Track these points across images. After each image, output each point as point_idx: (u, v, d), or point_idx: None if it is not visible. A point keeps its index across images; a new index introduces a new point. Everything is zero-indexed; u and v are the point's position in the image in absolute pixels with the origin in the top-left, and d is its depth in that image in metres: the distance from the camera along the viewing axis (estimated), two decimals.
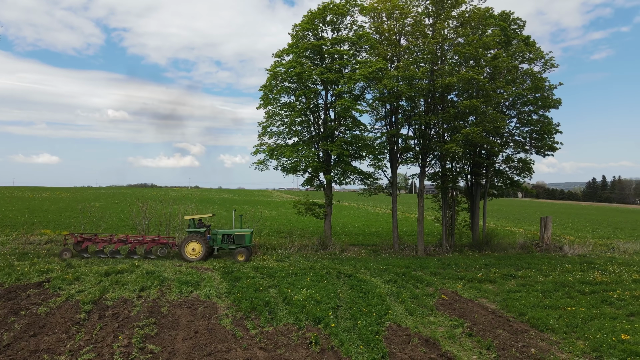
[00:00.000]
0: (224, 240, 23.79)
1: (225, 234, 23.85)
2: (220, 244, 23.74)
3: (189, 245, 22.65)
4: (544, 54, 28.30)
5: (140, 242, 23.49)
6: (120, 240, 23.38)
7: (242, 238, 23.64)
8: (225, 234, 23.85)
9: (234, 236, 23.80)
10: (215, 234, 23.93)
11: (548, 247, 28.89)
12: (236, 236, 23.77)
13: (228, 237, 23.84)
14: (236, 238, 23.74)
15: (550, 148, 29.36)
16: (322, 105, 28.35)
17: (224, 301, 15.15)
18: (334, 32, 27.86)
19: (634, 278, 20.44)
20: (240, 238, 23.67)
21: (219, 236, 23.78)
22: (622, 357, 11.00)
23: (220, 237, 23.75)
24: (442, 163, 28.93)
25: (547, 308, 15.38)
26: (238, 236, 23.73)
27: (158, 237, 24.10)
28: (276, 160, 28.62)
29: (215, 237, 23.84)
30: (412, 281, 18.94)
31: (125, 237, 23.76)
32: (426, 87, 24.65)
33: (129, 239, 23.47)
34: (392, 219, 28.59)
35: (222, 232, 24.00)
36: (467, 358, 10.89)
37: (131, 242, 23.37)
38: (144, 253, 23.29)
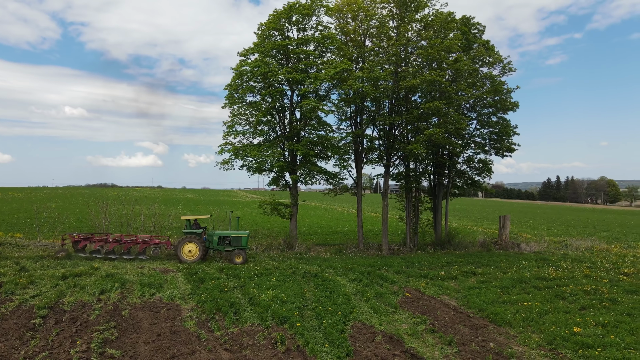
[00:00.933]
0: (220, 241, 23.45)
1: (222, 236, 23.55)
2: (217, 245, 23.40)
3: (186, 247, 22.27)
4: (503, 59, 29.32)
5: (134, 242, 23.24)
6: (115, 240, 23.13)
7: (239, 240, 23.37)
8: (222, 236, 23.55)
9: (231, 238, 23.49)
10: (212, 235, 23.56)
11: (506, 244, 29.91)
12: (233, 238, 23.44)
13: (224, 238, 23.53)
14: (232, 240, 23.41)
15: (508, 149, 30.41)
16: (287, 105, 28.32)
17: (188, 303, 14.90)
18: (300, 32, 27.89)
19: (585, 273, 21.44)
20: (237, 240, 23.39)
21: (215, 238, 23.42)
22: (574, 348, 11.55)
23: (216, 239, 23.39)
24: (406, 163, 29.45)
25: (505, 304, 15.94)
26: (235, 238, 23.42)
27: (150, 237, 23.88)
28: (241, 160, 28.38)
29: (211, 238, 23.45)
30: (376, 280, 19.20)
31: (119, 237, 23.53)
32: (390, 88, 25.08)
33: (123, 239, 23.26)
34: (357, 219, 28.88)
35: (218, 233, 23.70)
36: (430, 354, 11.16)
37: (125, 242, 23.12)
38: (137, 254, 22.99)
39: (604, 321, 13.74)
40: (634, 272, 22.19)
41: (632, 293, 17.82)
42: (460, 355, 11.04)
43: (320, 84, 25.07)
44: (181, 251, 22.20)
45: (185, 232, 23.07)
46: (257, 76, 26.33)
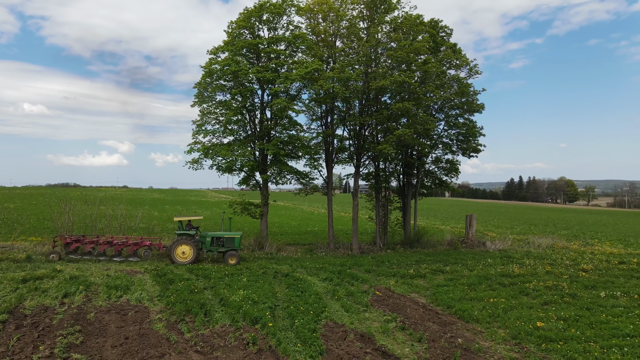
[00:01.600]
0: (213, 242, 23.24)
1: (215, 237, 23.33)
2: (209, 246, 23.18)
3: (179, 248, 21.97)
4: (470, 62, 30.04)
5: (125, 244, 23.02)
6: (105, 242, 22.96)
7: (232, 241, 23.19)
8: (215, 237, 23.33)
9: (224, 239, 23.28)
10: (205, 236, 23.32)
11: (472, 243, 30.68)
12: (226, 239, 23.25)
13: (217, 239, 23.31)
14: (226, 241, 23.22)
15: (474, 150, 31.16)
16: (258, 104, 28.16)
17: (156, 305, 14.60)
18: (271, 31, 27.77)
19: (546, 270, 22.23)
20: (230, 241, 23.21)
21: (208, 239, 23.18)
22: (538, 342, 11.97)
23: (209, 240, 23.16)
24: (375, 163, 29.76)
25: (472, 300, 16.36)
26: (228, 239, 23.24)
27: (141, 239, 23.69)
28: (211, 159, 28.04)
29: (204, 239, 23.20)
30: (347, 279, 19.33)
31: (110, 238, 23.31)
32: (361, 89, 25.29)
33: (114, 241, 23.07)
34: (328, 218, 29.00)
35: (211, 234, 23.48)
36: (401, 351, 11.33)
37: (116, 244, 22.94)
38: (128, 255, 22.79)
39: (565, 315, 14.31)
40: (592, 268, 23.15)
41: (591, 288, 18.59)
42: (430, 352, 11.25)
43: (291, 83, 25.05)
44: (174, 253, 21.87)
45: (179, 233, 22.74)
46: (228, 75, 26.07)
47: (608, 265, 24.30)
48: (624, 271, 22.64)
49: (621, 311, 14.99)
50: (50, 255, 21.74)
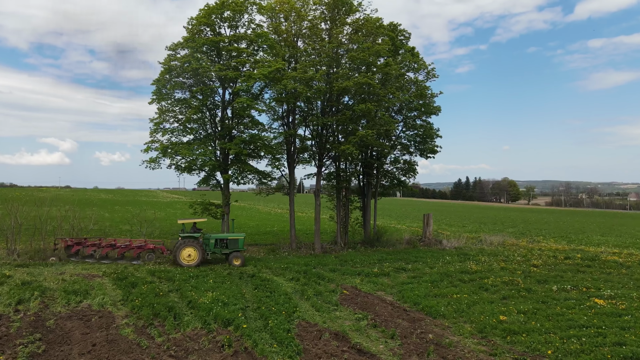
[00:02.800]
0: (217, 244, 23.13)
1: (218, 239, 23.22)
2: (213, 248, 23.02)
3: (185, 251, 21.69)
4: (427, 65, 30.94)
5: (128, 247, 22.82)
6: (108, 245, 22.82)
7: (236, 242, 23.11)
8: (218, 239, 23.22)
9: (227, 240, 23.18)
10: (208, 238, 23.14)
11: (430, 241, 31.62)
12: (229, 240, 23.18)
13: (221, 241, 23.21)
14: (229, 242, 23.15)
15: (432, 151, 32.11)
16: (219, 102, 27.67)
17: (120, 309, 14.06)
18: (232, 29, 27.34)
19: (501, 266, 23.28)
20: (234, 242, 23.12)
21: (212, 241, 23.04)
22: (503, 335, 12.54)
23: (213, 242, 23.02)
24: (336, 164, 30.02)
25: (436, 297, 16.88)
26: (231, 240, 23.18)
27: (145, 242, 23.52)
28: (170, 158, 27.28)
29: (207, 241, 23.02)
30: (314, 278, 19.38)
31: (113, 241, 23.23)
32: (324, 89, 25.42)
33: (117, 244, 22.93)
34: (290, 219, 28.96)
35: (215, 236, 23.33)
36: (375, 348, 11.53)
37: (119, 247, 22.77)
38: (131, 259, 22.59)
39: (524, 309, 15.06)
40: (541, 263, 24.48)
41: (543, 283, 19.65)
42: (404, 348, 11.53)
43: (254, 82, 24.74)
44: (180, 256, 21.60)
45: (183, 236, 22.41)
46: (188, 72, 25.43)
47: (555, 260, 25.75)
48: (570, 266, 24.10)
49: (573, 304, 15.95)
50: (50, 259, 21.40)
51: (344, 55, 27.72)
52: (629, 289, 18.50)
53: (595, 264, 24.83)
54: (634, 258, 26.88)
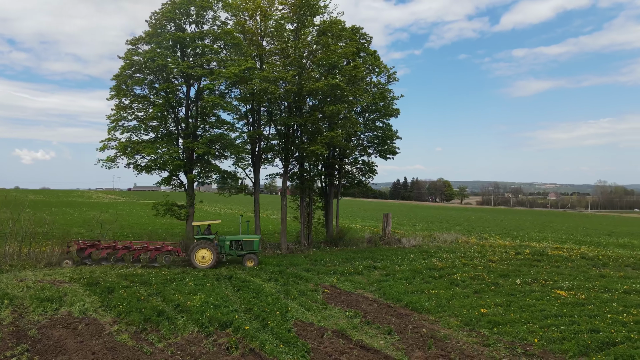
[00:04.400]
0: (232, 246, 23.10)
1: (234, 240, 23.20)
2: (228, 250, 22.98)
3: (199, 253, 21.68)
4: (389, 68, 31.88)
5: (145, 249, 22.42)
6: (124, 247, 22.37)
7: (251, 244, 23.10)
8: (234, 240, 23.20)
9: (242, 242, 23.15)
10: (223, 240, 23.16)
11: (390, 240, 32.59)
12: (244, 242, 23.16)
13: (236, 243, 23.17)
14: (244, 244, 23.13)
15: (392, 152, 33.11)
16: (184, 100, 26.88)
17: (105, 316, 13.39)
18: (197, 25, 26.67)
19: (463, 262, 24.55)
20: (249, 244, 23.10)
21: (227, 242, 23.02)
22: (489, 327, 13.31)
23: (228, 244, 23.00)
24: (300, 164, 30.14)
25: (414, 293, 17.50)
26: (246, 242, 23.16)
27: (163, 244, 23.20)
28: (129, 157, 26.14)
29: (222, 243, 23.00)
30: (292, 278, 19.44)
31: (128, 244, 22.77)
32: (294, 90, 25.45)
33: (133, 246, 22.49)
34: (255, 219, 28.69)
35: (230, 238, 23.38)
36: (377, 344, 11.84)
37: (135, 249, 22.36)
38: (148, 261, 22.14)
39: (499, 302, 16.06)
40: (498, 259, 26.07)
41: (505, 277, 20.97)
42: (404, 342, 11.94)
43: (224, 81, 24.24)
44: (194, 257, 21.60)
45: (197, 238, 22.36)
46: (153, 68, 24.48)
47: (508, 256, 27.52)
48: (523, 260, 25.86)
49: (540, 295, 17.21)
50: (64, 262, 21.00)
51: (309, 56, 27.89)
52: (582, 281, 20.21)
53: (544, 258, 26.81)
54: (575, 252, 29.29)
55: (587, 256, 27.64)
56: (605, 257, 27.24)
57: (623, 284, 19.12)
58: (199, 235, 22.69)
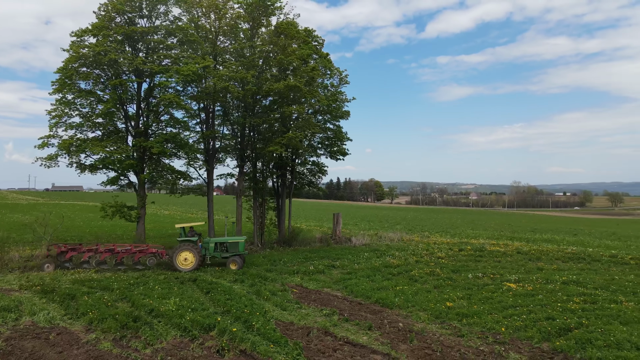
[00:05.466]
0: (217, 248, 22.61)
1: (218, 242, 22.72)
2: (213, 252, 22.49)
3: (181, 255, 21.19)
4: (341, 71, 32.56)
5: (128, 252, 21.90)
6: (107, 250, 21.74)
7: (236, 246, 22.57)
8: (218, 242, 22.72)
9: (227, 244, 22.64)
10: (208, 242, 22.68)
11: (340, 239, 33.29)
12: (229, 244, 22.64)
13: (221, 245, 22.68)
14: (229, 246, 22.62)
15: (342, 153, 33.82)
16: (135, 97, 25.78)
17: (73, 324, 12.67)
18: (149, 20, 25.71)
19: (415, 260, 25.68)
20: (234, 246, 22.58)
21: (212, 244, 22.54)
22: (458, 319, 14.22)
23: (212, 246, 22.52)
24: (254, 165, 29.96)
25: (380, 290, 18.15)
26: (232, 244, 22.64)
27: (147, 246, 22.68)
28: (72, 155, 24.67)
29: (207, 245, 22.53)
30: (257, 279, 19.39)
31: (112, 246, 22.03)
32: (254, 90, 25.29)
33: (116, 249, 21.87)
34: (208, 220, 28.14)
35: (214, 240, 22.91)
36: (362, 340, 12.25)
37: (118, 252, 21.76)
38: (132, 264, 21.67)
39: (460, 295, 17.14)
40: (445, 255, 27.54)
41: (457, 272, 22.26)
42: (386, 337, 12.46)
43: (183, 78, 23.53)
44: (177, 260, 21.12)
45: (181, 240, 21.83)
46: (103, 63, 23.24)
47: (453, 252, 29.14)
48: (467, 256, 27.54)
49: (493, 288, 18.53)
50: (45, 266, 20.42)
51: (267, 57, 27.82)
52: (524, 274, 21.97)
53: (485, 254, 28.71)
54: (511, 248, 31.64)
55: (522, 251, 29.99)
56: (537, 252, 29.70)
57: (560, 276, 21.08)
58: (182, 237, 22.11)
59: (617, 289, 18.54)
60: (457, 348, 11.74)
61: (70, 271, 20.18)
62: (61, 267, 20.88)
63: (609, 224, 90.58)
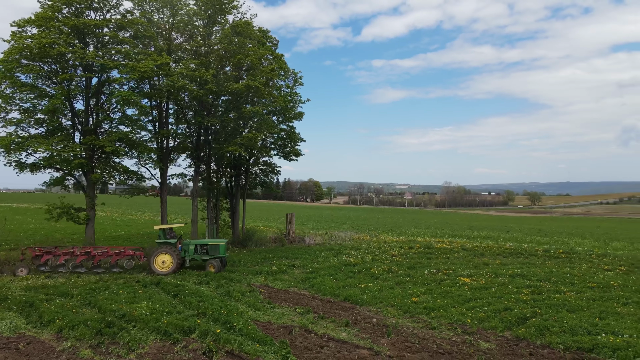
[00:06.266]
0: (197, 251, 22.06)
1: (198, 245, 22.21)
2: (193, 255, 21.96)
3: (159, 258, 20.69)
4: (296, 72, 32.80)
5: (105, 254, 21.36)
6: (83, 253, 21.23)
7: (216, 249, 22.04)
8: (198, 245, 22.21)
9: (208, 247, 22.12)
10: (188, 244, 22.18)
11: (294, 239, 33.53)
12: (210, 247, 22.15)
13: (201, 247, 22.15)
14: (210, 249, 22.09)
15: (296, 154, 34.06)
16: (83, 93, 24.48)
17: (40, 333, 12.02)
18: (99, 12, 24.52)
19: (371, 258, 26.47)
20: (214, 249, 22.06)
21: (192, 247, 22.04)
22: (426, 313, 15.00)
23: (192, 248, 22.02)
24: (208, 165, 29.48)
25: (345, 288, 18.60)
26: (212, 247, 22.15)
27: (124, 248, 22.18)
28: (12, 154, 23.04)
29: (187, 247, 22.03)
30: (223, 280, 19.19)
31: (88, 249, 21.63)
32: (213, 89, 24.87)
33: (92, 252, 21.35)
34: (161, 221, 27.28)
35: (194, 242, 22.43)
36: (342, 336, 12.60)
37: (95, 254, 21.23)
38: (109, 266, 21.08)
39: (422, 291, 17.99)
40: (397, 253, 28.61)
41: (413, 269, 23.25)
42: (365, 332, 12.93)
43: (139, 76, 22.60)
44: (154, 262, 20.65)
45: (159, 242, 21.41)
46: (51, 55, 21.87)
47: (404, 250, 30.35)
48: (418, 254, 28.81)
49: (450, 283, 19.63)
50: (19, 269, 19.84)
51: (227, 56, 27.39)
52: (474, 268, 23.41)
53: (434, 251, 30.21)
54: (456, 245, 33.48)
55: (466, 248, 31.85)
56: (480, 248, 31.68)
57: (507, 270, 22.71)
58: (161, 239, 21.51)
59: (557, 280, 20.35)
60: (432, 340, 12.45)
61: (18, 278, 18.86)
62: (36, 271, 20.22)
63: (533, 221, 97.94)
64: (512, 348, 11.99)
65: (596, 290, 18.49)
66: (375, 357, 11.01)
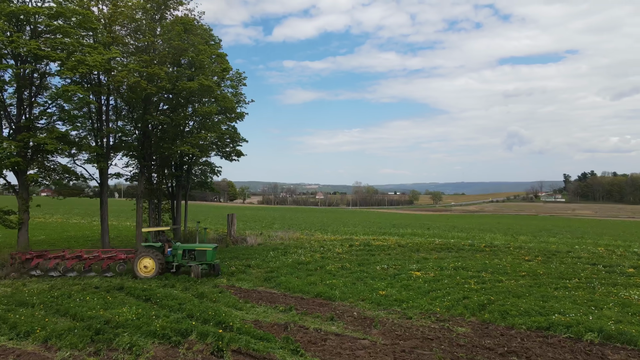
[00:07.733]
0: (185, 255, 21.30)
1: (186, 249, 21.43)
2: (181, 259, 21.23)
3: (142, 262, 20.11)
4: (240, 73, 32.67)
5: (97, 258, 21.18)
6: (74, 256, 20.97)
7: (203, 254, 21.10)
8: (186, 249, 21.43)
9: (195, 252, 21.25)
10: (176, 248, 21.43)
11: (236, 239, 33.36)
12: (197, 252, 21.23)
13: (189, 252, 21.37)
14: (197, 254, 21.19)
15: (238, 154, 33.89)
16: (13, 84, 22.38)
17: (23, 344, 11.16)
18: None
19: (320, 256, 27.24)
20: (201, 254, 21.14)
21: (180, 251, 21.30)
22: (397, 304, 16.09)
23: (180, 252, 21.30)
24: (150, 164, 28.39)
25: (311, 285, 19.13)
26: (199, 252, 21.23)
27: (115, 251, 22.16)
28: None
29: (175, 252, 21.29)
30: (190, 283, 18.87)
31: (79, 252, 21.43)
32: (168, 87, 24.06)
33: (83, 255, 21.18)
34: (102, 223, 25.78)
35: (182, 247, 21.68)
36: (333, 329, 13.24)
37: (86, 258, 21.04)
38: (102, 271, 20.77)
39: (384, 285, 19.16)
40: (342, 251, 29.71)
41: (364, 265, 24.45)
42: (352, 325, 13.71)
43: (88, 69, 21.11)
44: (137, 266, 20.07)
45: (145, 245, 20.95)
46: None
47: (346, 248, 31.53)
48: (361, 251, 30.22)
49: (405, 277, 21.03)
50: (10, 274, 19.73)
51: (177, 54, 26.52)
52: (418, 263, 25.11)
53: (374, 248, 31.82)
54: (391, 242, 35.53)
55: (401, 244, 33.97)
56: (413, 245, 33.93)
57: (447, 263, 24.80)
58: (147, 243, 20.75)
59: (494, 270, 22.73)
60: (415, 328, 13.59)
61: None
62: (27, 275, 19.97)
63: (441, 218, 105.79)
64: (484, 331, 13.50)
65: (528, 278, 21.01)
66: (375, 346, 11.86)
